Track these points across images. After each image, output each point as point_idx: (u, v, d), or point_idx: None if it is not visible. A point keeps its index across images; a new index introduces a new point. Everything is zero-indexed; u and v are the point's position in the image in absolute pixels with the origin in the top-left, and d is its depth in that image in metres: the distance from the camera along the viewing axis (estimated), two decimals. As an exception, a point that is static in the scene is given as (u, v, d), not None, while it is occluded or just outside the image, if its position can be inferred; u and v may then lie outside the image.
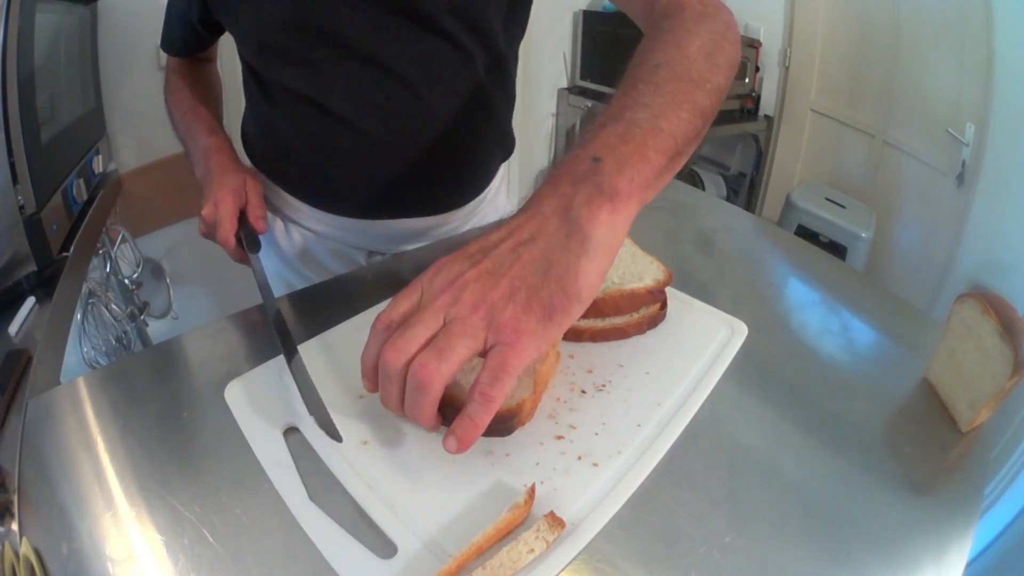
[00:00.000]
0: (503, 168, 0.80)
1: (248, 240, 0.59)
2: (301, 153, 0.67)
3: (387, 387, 0.35)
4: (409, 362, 0.33)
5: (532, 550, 0.32)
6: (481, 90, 0.67)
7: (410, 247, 0.74)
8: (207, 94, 0.74)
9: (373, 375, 0.36)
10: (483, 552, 0.32)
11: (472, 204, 0.75)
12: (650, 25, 0.48)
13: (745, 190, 2.37)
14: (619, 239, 0.34)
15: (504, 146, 0.76)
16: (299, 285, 0.70)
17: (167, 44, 0.74)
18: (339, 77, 0.61)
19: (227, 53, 0.72)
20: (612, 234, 0.33)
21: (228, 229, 0.58)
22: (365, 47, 0.59)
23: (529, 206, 0.35)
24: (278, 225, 0.73)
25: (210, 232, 0.60)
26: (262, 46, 0.62)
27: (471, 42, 0.62)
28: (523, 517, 0.34)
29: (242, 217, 0.60)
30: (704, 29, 0.44)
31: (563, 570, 0.33)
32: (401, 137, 0.65)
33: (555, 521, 0.33)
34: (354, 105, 0.62)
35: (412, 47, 0.60)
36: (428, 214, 0.72)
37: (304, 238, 0.74)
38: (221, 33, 0.71)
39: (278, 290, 0.71)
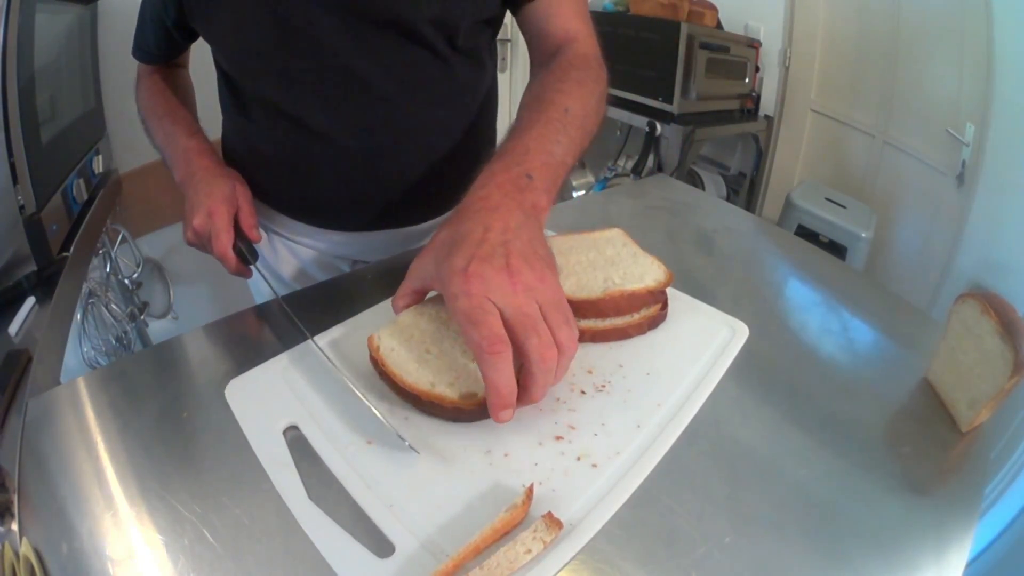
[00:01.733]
0: None
1: (248, 250, 0.57)
2: (279, 168, 0.66)
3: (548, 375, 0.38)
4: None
5: (529, 550, 0.32)
6: (461, 98, 0.67)
7: (395, 255, 0.73)
8: (183, 99, 0.72)
9: (511, 397, 0.38)
10: (480, 552, 0.32)
11: (450, 213, 0.75)
12: (557, 65, 0.58)
13: (745, 190, 2.37)
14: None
15: (487, 152, 0.75)
16: (283, 291, 0.69)
17: (140, 51, 0.72)
18: (316, 90, 0.60)
19: (205, 67, 0.71)
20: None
21: (226, 241, 0.56)
22: (342, 57, 0.58)
23: (489, 205, 0.43)
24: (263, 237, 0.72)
25: (201, 243, 0.58)
26: (239, 53, 0.61)
27: (449, 50, 0.61)
28: (521, 517, 0.34)
29: (237, 233, 0.58)
30: (601, 88, 0.58)
31: (560, 571, 0.33)
32: (380, 151, 0.64)
33: (553, 522, 0.33)
34: (331, 119, 0.61)
35: (390, 57, 0.59)
36: (412, 224, 0.72)
37: (287, 248, 0.74)
38: (196, 38, 0.69)
39: (265, 297, 0.70)
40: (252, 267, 0.58)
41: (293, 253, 0.74)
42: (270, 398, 0.44)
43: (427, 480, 0.37)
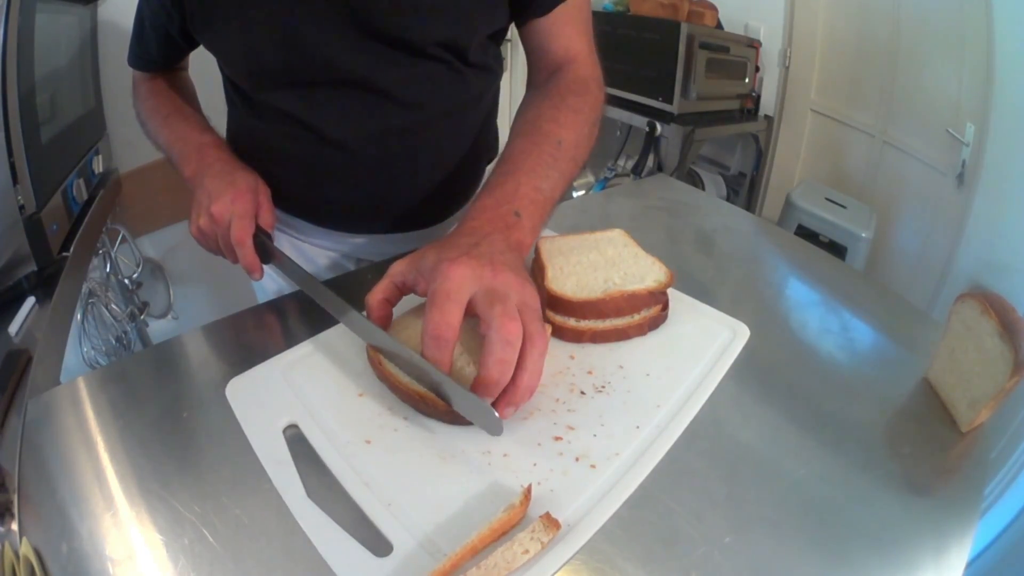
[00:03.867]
0: (486, 169, 0.80)
1: (267, 248, 0.54)
2: (291, 170, 0.65)
3: (511, 353, 0.38)
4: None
5: (527, 551, 0.32)
6: (473, 105, 0.67)
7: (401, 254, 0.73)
8: (188, 98, 0.70)
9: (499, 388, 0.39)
10: (478, 552, 0.32)
11: (463, 208, 0.76)
12: (555, 89, 0.58)
13: (745, 190, 2.37)
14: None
15: (489, 151, 0.77)
16: (288, 290, 0.70)
17: (139, 60, 0.69)
18: (332, 101, 0.59)
19: (206, 66, 0.70)
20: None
21: (247, 228, 0.54)
22: (358, 73, 0.57)
23: (480, 232, 0.45)
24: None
25: (214, 233, 0.56)
26: (251, 69, 0.60)
27: (461, 64, 0.61)
28: (519, 518, 0.34)
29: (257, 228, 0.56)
30: (596, 113, 0.59)
31: (558, 571, 0.33)
32: (396, 158, 0.64)
33: (550, 522, 0.33)
34: (348, 129, 0.61)
35: (405, 71, 0.59)
36: (423, 227, 0.72)
37: (293, 245, 0.74)
38: (198, 44, 0.66)
39: (268, 296, 0.70)
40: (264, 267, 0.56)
41: (300, 251, 0.74)
42: (270, 396, 0.44)
43: (426, 480, 0.37)
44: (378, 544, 0.34)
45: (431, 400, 0.40)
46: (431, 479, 0.37)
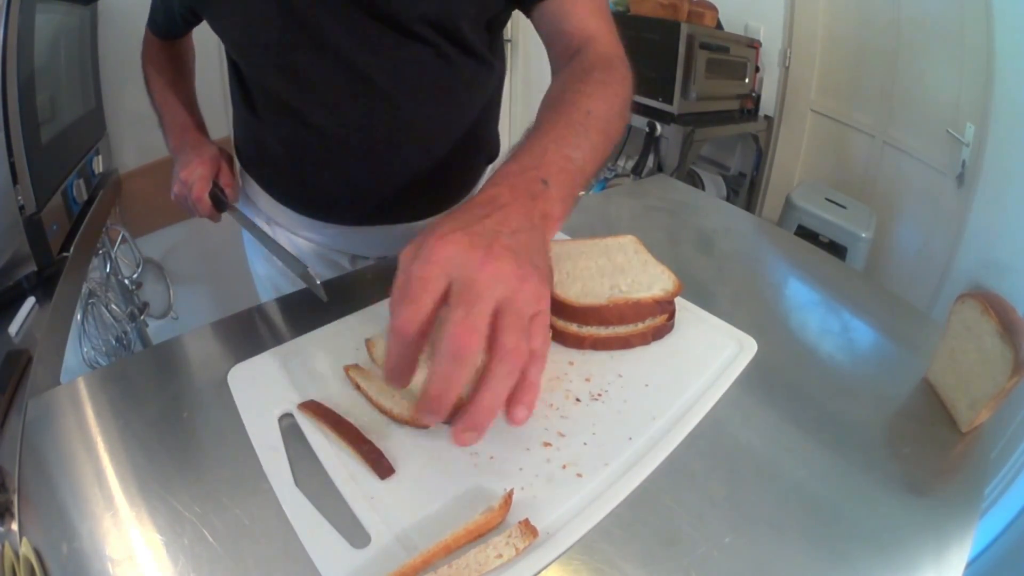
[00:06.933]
0: (488, 169, 0.79)
1: (221, 197, 0.67)
2: (283, 161, 0.68)
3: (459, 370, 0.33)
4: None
5: (500, 555, 0.32)
6: (461, 98, 0.67)
7: (394, 252, 0.74)
8: (185, 68, 0.81)
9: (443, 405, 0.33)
10: (451, 551, 0.32)
11: (456, 207, 0.76)
12: (578, 65, 0.55)
13: (745, 190, 2.37)
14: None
15: (488, 150, 0.76)
16: (287, 289, 0.70)
17: (154, 25, 0.77)
18: (319, 85, 0.60)
19: (209, 67, 0.73)
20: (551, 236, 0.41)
21: (204, 187, 0.65)
22: (345, 53, 0.58)
23: (497, 203, 0.38)
24: (266, 229, 0.73)
25: (184, 191, 0.66)
26: (245, 45, 0.62)
27: (451, 50, 0.61)
28: (497, 521, 0.34)
29: (214, 184, 0.68)
30: (626, 90, 0.54)
31: (540, 572, 0.32)
32: (380, 147, 0.64)
33: (528, 529, 0.33)
34: (333, 115, 0.62)
35: (392, 53, 0.59)
36: (411, 220, 0.72)
37: (290, 242, 0.74)
38: (200, 21, 0.71)
39: (268, 294, 0.72)
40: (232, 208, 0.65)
41: (294, 246, 0.75)
42: (270, 385, 0.44)
43: (411, 476, 0.38)
44: (357, 535, 0.34)
45: (411, 422, 0.41)
46: (416, 476, 0.38)
